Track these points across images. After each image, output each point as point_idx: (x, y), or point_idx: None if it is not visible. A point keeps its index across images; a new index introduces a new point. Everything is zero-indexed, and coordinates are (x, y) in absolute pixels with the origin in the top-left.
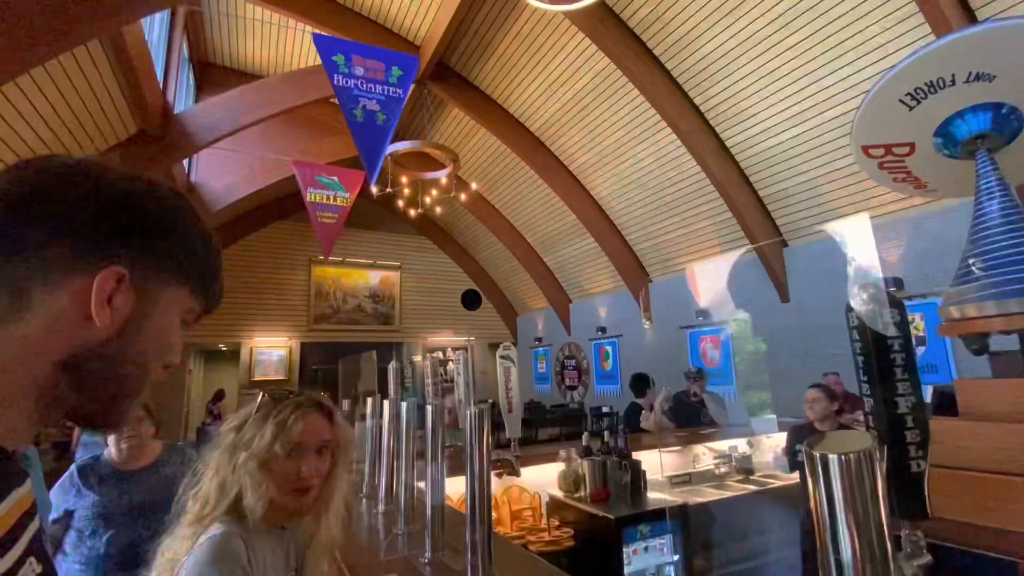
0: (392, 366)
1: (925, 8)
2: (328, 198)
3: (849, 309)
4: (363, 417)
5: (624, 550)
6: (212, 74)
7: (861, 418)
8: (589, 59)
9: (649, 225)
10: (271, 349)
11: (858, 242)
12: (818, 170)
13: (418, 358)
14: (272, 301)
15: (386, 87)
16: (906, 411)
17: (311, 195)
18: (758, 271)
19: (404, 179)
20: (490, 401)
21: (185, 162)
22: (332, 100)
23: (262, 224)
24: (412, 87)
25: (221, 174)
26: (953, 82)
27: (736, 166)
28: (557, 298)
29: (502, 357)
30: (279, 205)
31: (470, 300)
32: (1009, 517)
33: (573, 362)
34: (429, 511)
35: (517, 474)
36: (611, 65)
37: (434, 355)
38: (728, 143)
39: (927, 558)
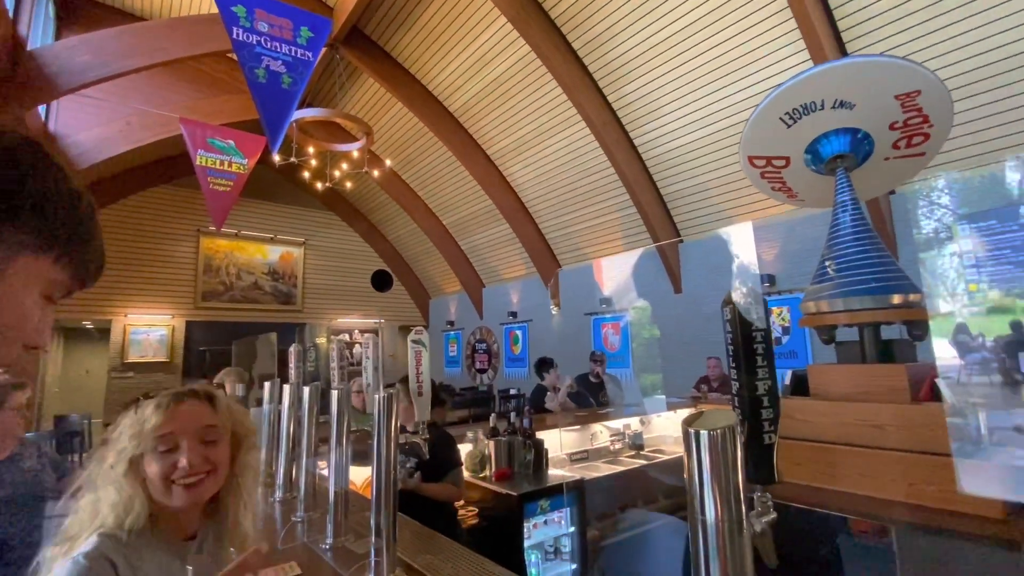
0: (294, 348)
1: (806, 36)
2: (222, 163)
3: (726, 303)
4: (259, 402)
5: (525, 524)
6: (80, 8)
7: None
8: (511, 44)
9: (562, 215)
10: (150, 328)
11: (742, 242)
12: (713, 173)
13: (322, 340)
14: (151, 274)
15: (294, 48)
16: (763, 393)
17: (202, 158)
18: (656, 264)
19: (311, 149)
20: (397, 386)
21: (42, 109)
22: (230, 55)
23: (141, 187)
24: (323, 50)
25: (90, 125)
26: (822, 107)
27: (642, 163)
28: (471, 282)
29: (413, 341)
30: (163, 167)
31: (381, 281)
32: (844, 480)
33: (484, 345)
34: (332, 496)
35: (424, 457)
36: (532, 53)
37: (340, 337)
38: (636, 141)
39: (773, 515)
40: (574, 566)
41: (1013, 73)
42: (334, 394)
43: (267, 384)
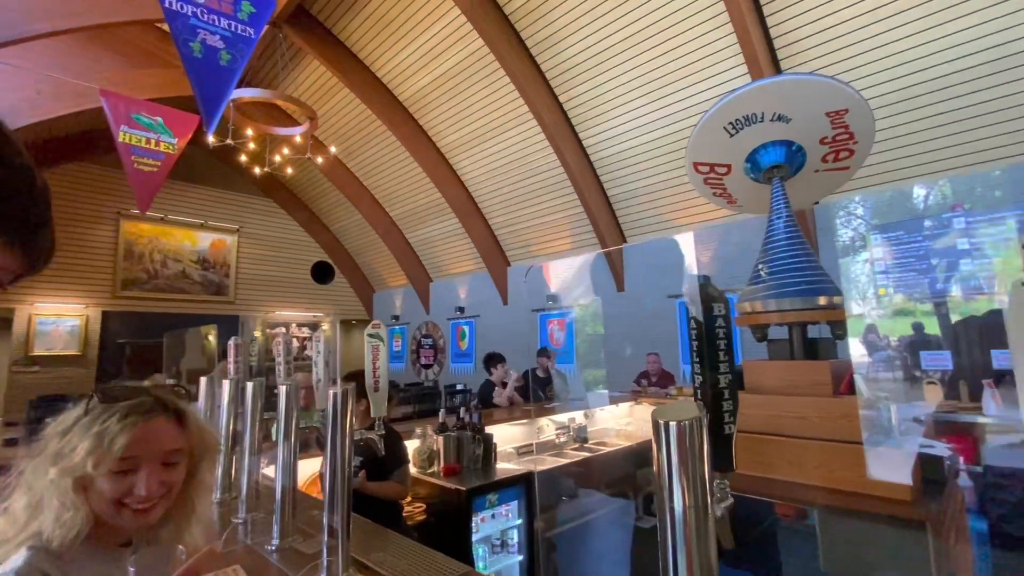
0: (233, 341)
1: (745, 51)
2: (148, 142)
3: (691, 301)
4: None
5: (473, 519)
6: None
7: (673, 392)
8: (464, 37)
9: (512, 211)
10: (60, 317)
11: (684, 245)
12: (657, 177)
13: (258, 333)
14: (62, 259)
15: (234, 23)
16: (725, 386)
17: (125, 135)
18: (601, 263)
19: (250, 132)
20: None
21: None
22: (159, 24)
23: (52, 162)
24: (265, 28)
25: None
26: (762, 119)
27: (590, 164)
28: (418, 276)
29: (370, 336)
30: (79, 142)
31: (321, 273)
32: (774, 468)
33: (430, 341)
34: (278, 495)
35: (380, 452)
36: (485, 48)
37: (277, 330)
38: (585, 142)
39: (730, 500)
40: (521, 558)
41: (925, 97)
42: (282, 389)
43: (203, 380)
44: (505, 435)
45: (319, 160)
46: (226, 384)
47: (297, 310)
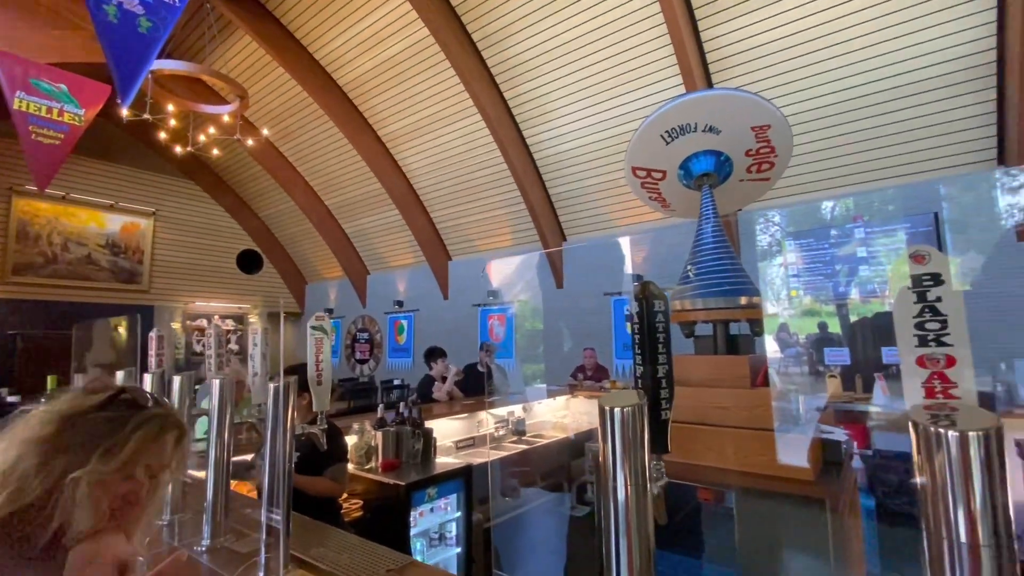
0: (155, 333)
1: (680, 63)
2: (49, 111)
3: (636, 297)
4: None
5: (412, 513)
6: None
7: (607, 385)
8: (409, 24)
9: (454, 205)
10: None
11: (621, 245)
12: (597, 179)
13: (177, 326)
14: None
15: None
16: (663, 376)
17: (20, 102)
18: (541, 260)
19: (171, 107)
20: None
21: None
22: None
23: None
24: None
25: None
26: (695, 129)
27: (533, 162)
28: (354, 268)
29: (314, 328)
30: None
31: (249, 262)
32: (698, 455)
33: (366, 335)
34: (210, 493)
35: (323, 447)
36: (430, 38)
37: (211, 323)
38: (528, 140)
39: (665, 480)
40: (459, 550)
41: (836, 117)
42: (215, 383)
43: (120, 374)
44: (445, 429)
45: (249, 142)
46: (148, 379)
47: (221, 301)
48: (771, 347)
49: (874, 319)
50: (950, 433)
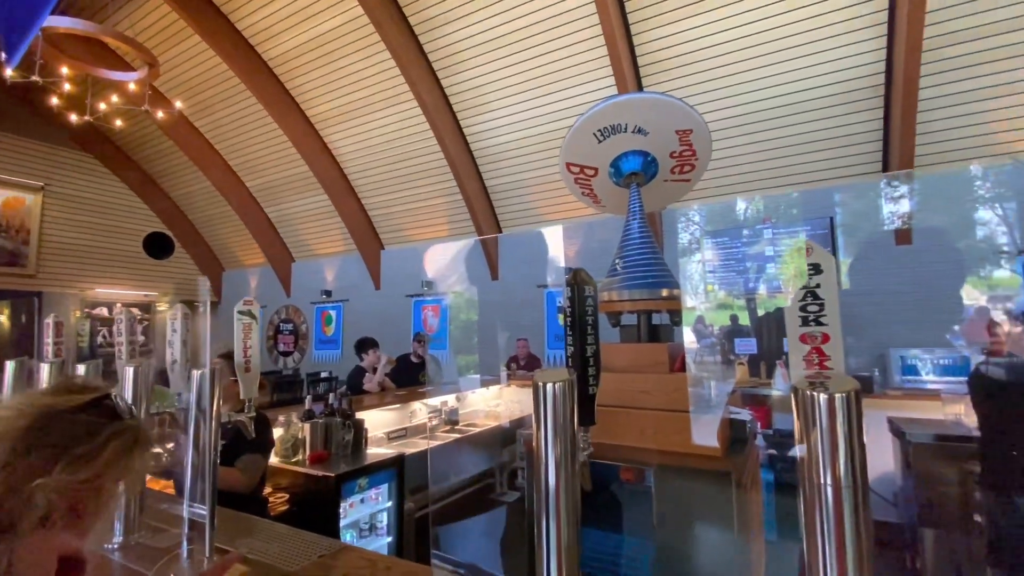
0: (53, 319)
1: (613, 64)
2: None
3: (568, 283)
4: None
5: (342, 504)
6: None
7: None
8: (342, 1)
9: (387, 192)
10: None
11: (554, 239)
12: (532, 173)
13: (76, 313)
14: None
15: None
16: (591, 355)
17: None
18: (476, 251)
19: (66, 70)
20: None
21: None
22: None
23: None
24: None
25: None
26: (625, 129)
27: (470, 153)
28: (278, 255)
29: (241, 313)
30: None
31: (158, 246)
32: (621, 436)
33: (290, 326)
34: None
35: (250, 436)
36: (364, 17)
37: (92, 310)
38: (466, 131)
39: (590, 449)
40: (390, 539)
41: (752, 126)
42: (128, 371)
43: (9, 365)
44: (377, 420)
45: (159, 115)
46: (44, 368)
47: (125, 288)
48: (689, 337)
49: (776, 313)
50: (822, 396)
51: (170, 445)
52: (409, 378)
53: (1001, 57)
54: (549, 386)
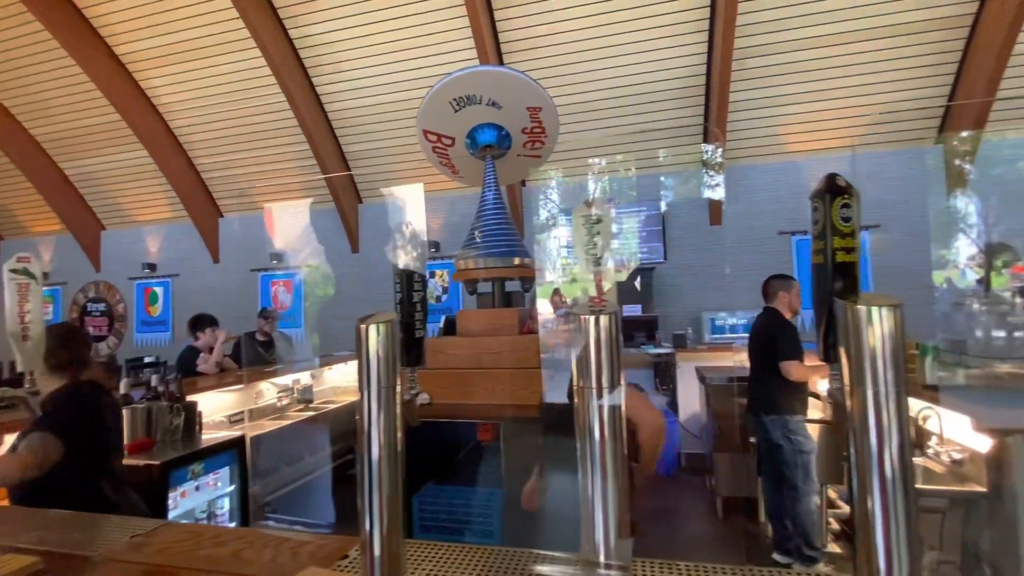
0: None
1: (475, 37)
2: None
3: (396, 230)
4: None
5: (171, 494)
6: None
7: None
8: None
9: (227, 152)
10: None
11: (414, 209)
12: (394, 140)
13: None
14: None
15: None
16: (418, 300)
17: None
18: (334, 222)
19: None
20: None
21: None
22: None
23: None
24: None
25: None
26: (480, 101)
27: (325, 115)
28: (81, 222)
29: (15, 272)
30: None
31: None
32: (476, 395)
33: (102, 306)
34: None
35: (37, 413)
36: None
37: None
38: (320, 90)
39: (418, 389)
40: (233, 524)
41: (605, 111)
42: None
43: None
44: (216, 403)
45: None
46: None
47: None
48: (547, 308)
49: (617, 286)
50: (592, 317)
51: None
52: (255, 358)
53: (796, 71)
54: (372, 327)
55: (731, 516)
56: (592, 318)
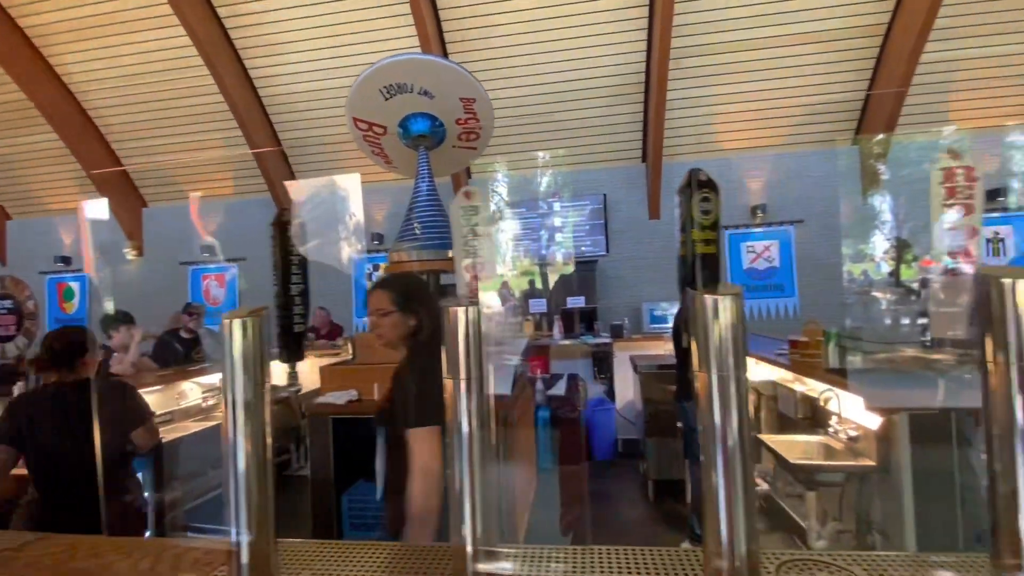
0: None
1: (417, 25)
2: None
3: (272, 223)
4: None
5: None
6: None
7: (340, 342)
8: None
9: (149, 138)
10: None
11: (352, 199)
12: (332, 128)
13: None
14: None
15: None
16: (297, 294)
17: None
18: (270, 212)
19: None
20: None
21: None
22: None
23: None
24: None
25: None
26: (411, 90)
27: (259, 100)
28: None
29: None
30: None
31: None
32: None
33: (9, 303)
34: None
35: None
36: None
37: None
38: (252, 73)
39: (299, 385)
40: (149, 533)
41: (543, 107)
42: None
43: None
44: None
45: None
46: None
47: None
48: (494, 301)
49: (564, 277)
50: (461, 310)
51: None
52: (178, 356)
53: (730, 71)
54: (236, 322)
55: (661, 499)
56: (461, 310)
